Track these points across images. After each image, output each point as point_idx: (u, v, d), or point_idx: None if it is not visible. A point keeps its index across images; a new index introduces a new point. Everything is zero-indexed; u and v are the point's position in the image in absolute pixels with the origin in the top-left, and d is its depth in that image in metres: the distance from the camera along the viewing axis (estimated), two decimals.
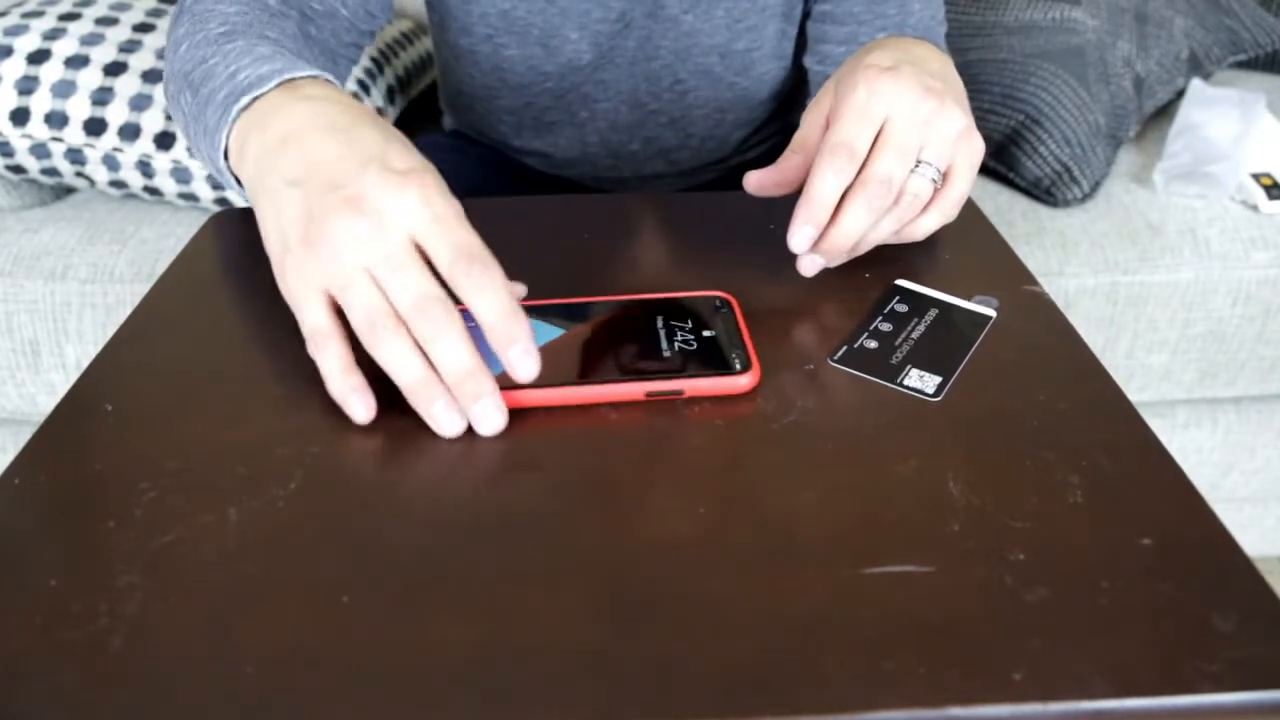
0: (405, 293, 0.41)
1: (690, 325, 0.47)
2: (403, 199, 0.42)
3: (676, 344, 0.46)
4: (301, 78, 0.50)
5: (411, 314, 0.41)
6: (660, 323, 0.47)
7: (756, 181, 0.54)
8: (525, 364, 0.41)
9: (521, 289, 0.49)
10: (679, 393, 0.43)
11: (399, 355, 0.41)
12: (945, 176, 0.52)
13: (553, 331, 0.47)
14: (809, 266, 0.51)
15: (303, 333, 0.43)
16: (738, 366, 0.44)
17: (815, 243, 0.50)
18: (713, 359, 0.45)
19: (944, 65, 0.57)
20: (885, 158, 0.49)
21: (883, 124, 0.49)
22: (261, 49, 0.53)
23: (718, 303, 0.49)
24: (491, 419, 0.41)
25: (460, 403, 0.41)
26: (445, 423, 0.41)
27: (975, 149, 0.52)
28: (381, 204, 0.42)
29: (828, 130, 0.50)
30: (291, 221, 0.44)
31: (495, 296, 0.41)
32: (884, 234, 0.51)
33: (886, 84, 0.49)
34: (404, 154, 0.44)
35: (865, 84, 0.50)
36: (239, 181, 0.51)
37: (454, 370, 0.41)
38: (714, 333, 0.47)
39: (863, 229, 0.49)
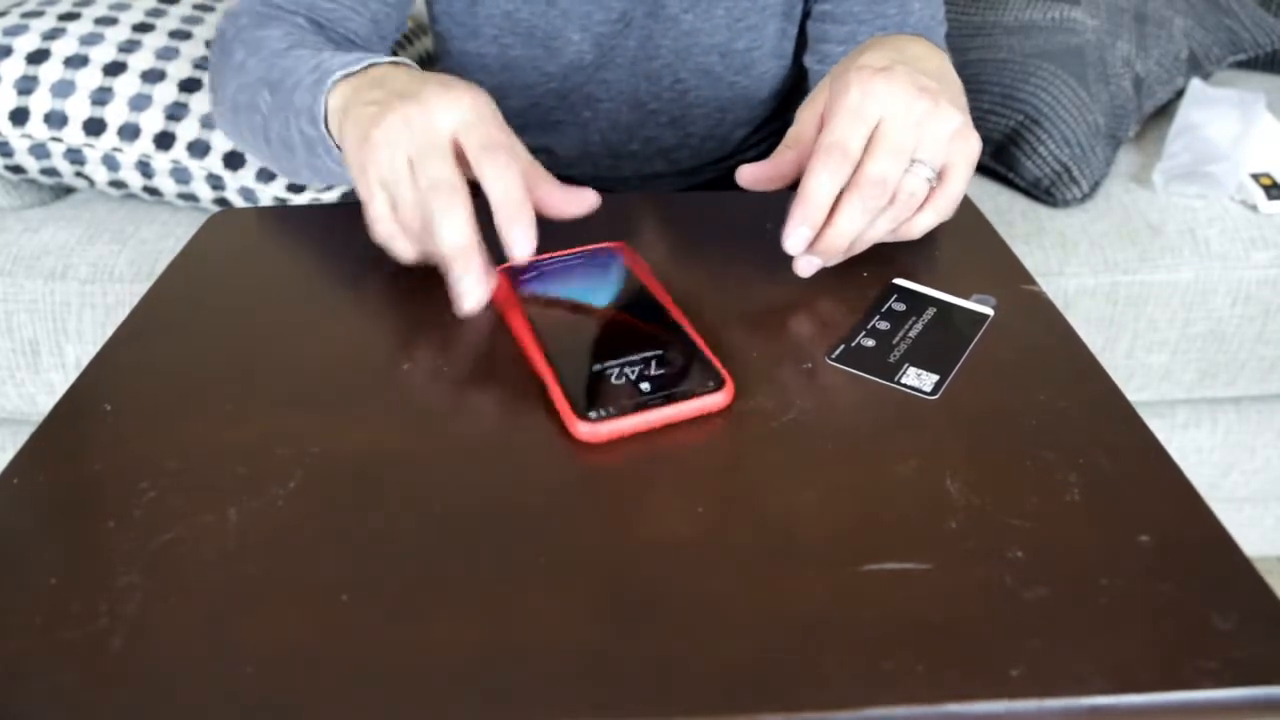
0: (426, 176, 0.47)
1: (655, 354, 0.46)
2: (454, 102, 0.49)
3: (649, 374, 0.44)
4: (384, 62, 0.56)
5: (426, 192, 0.46)
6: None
7: (750, 176, 0.55)
8: (522, 243, 0.46)
9: (593, 197, 0.53)
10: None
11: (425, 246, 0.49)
12: (941, 175, 0.51)
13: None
14: (805, 267, 0.51)
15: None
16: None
17: (811, 243, 0.50)
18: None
19: (941, 64, 0.57)
20: (879, 158, 0.49)
21: (877, 124, 0.49)
22: (329, 49, 0.60)
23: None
24: (472, 294, 0.47)
25: (449, 278, 0.47)
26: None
27: (971, 148, 0.52)
28: (433, 103, 0.48)
29: (822, 130, 0.50)
30: (361, 132, 0.49)
31: (509, 182, 0.47)
32: (880, 233, 0.51)
33: (880, 84, 0.49)
34: (469, 83, 0.50)
35: (859, 84, 0.49)
36: (339, 148, 0.56)
37: (449, 245, 0.46)
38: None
39: (858, 229, 0.49)
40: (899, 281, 0.53)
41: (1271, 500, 1.23)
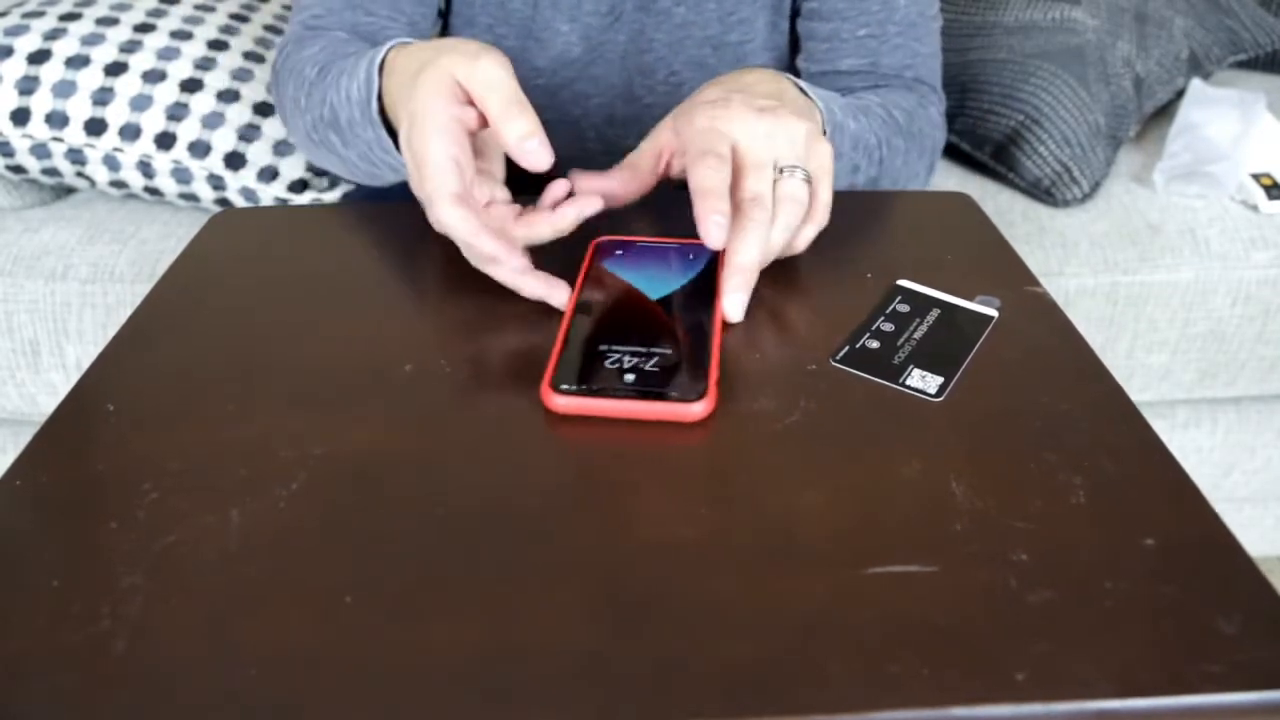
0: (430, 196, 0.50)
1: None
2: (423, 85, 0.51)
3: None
4: (382, 56, 0.58)
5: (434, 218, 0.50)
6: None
7: (580, 183, 0.56)
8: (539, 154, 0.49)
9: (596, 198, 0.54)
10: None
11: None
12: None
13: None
14: (736, 310, 0.49)
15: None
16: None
17: (730, 274, 0.50)
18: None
19: (777, 84, 0.59)
20: (747, 178, 0.51)
21: (732, 151, 0.52)
22: (346, 62, 0.63)
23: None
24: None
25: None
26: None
27: (826, 152, 0.54)
28: (417, 90, 0.51)
29: (688, 178, 0.51)
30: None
31: (503, 89, 0.50)
32: (776, 247, 0.52)
33: (720, 113, 0.53)
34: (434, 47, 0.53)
35: (704, 118, 0.53)
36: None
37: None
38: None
39: (758, 253, 0.50)
40: (903, 283, 0.53)
41: (1272, 500, 1.23)
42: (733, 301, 0.49)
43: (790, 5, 0.83)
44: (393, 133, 0.59)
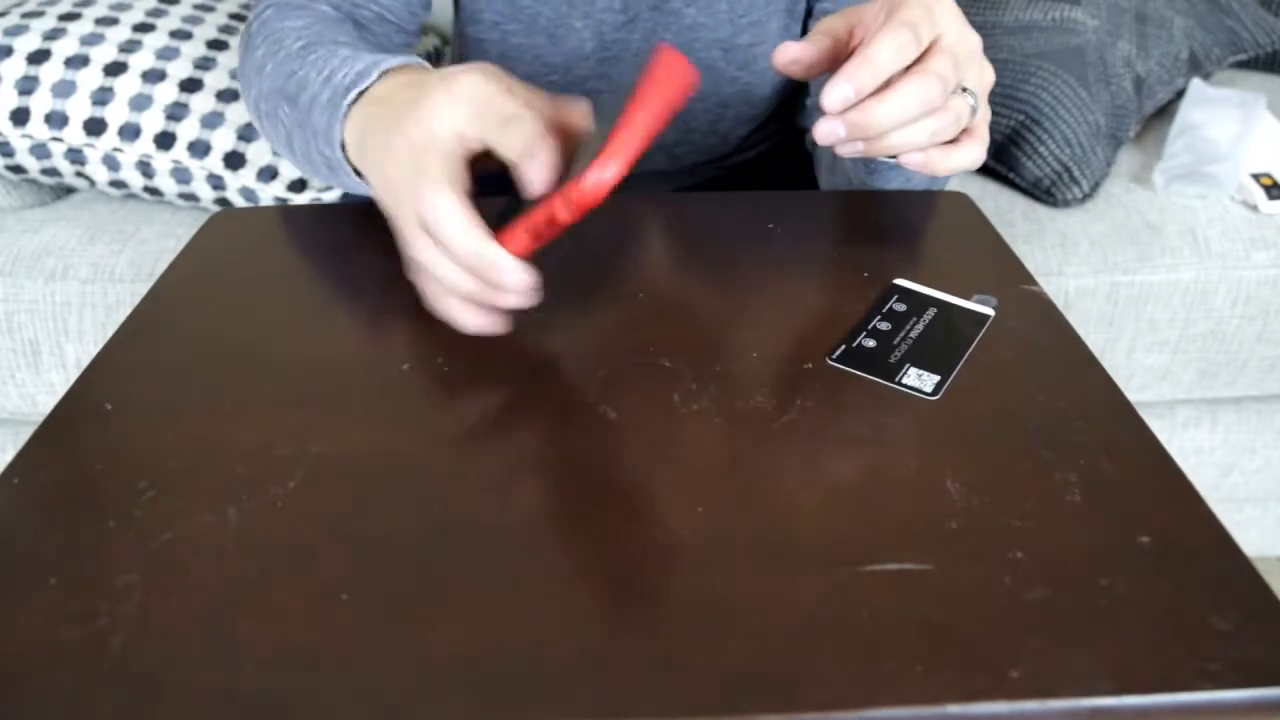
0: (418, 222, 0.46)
1: None
2: (449, 102, 0.47)
3: None
4: (397, 65, 0.54)
5: (466, 258, 0.45)
6: None
7: (787, 57, 0.52)
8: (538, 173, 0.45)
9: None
10: None
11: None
12: (972, 129, 0.52)
13: None
14: (827, 133, 0.48)
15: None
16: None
17: (849, 110, 0.47)
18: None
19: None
20: (944, 58, 0.48)
21: (938, 36, 0.49)
22: (343, 52, 0.58)
23: None
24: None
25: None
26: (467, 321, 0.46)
27: (989, 112, 0.53)
28: (426, 110, 0.47)
29: (888, 14, 0.48)
30: (380, 166, 0.49)
31: (521, 139, 0.45)
32: (918, 138, 0.49)
33: (938, 6, 0.49)
34: (468, 66, 0.49)
35: (919, 4, 0.49)
36: (358, 174, 0.56)
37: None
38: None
39: (906, 115, 0.47)
40: (900, 282, 0.53)
41: (1271, 500, 1.23)
42: (837, 90, 0.46)
43: (805, 8, 0.83)
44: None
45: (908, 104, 0.47)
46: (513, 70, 0.83)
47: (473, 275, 0.44)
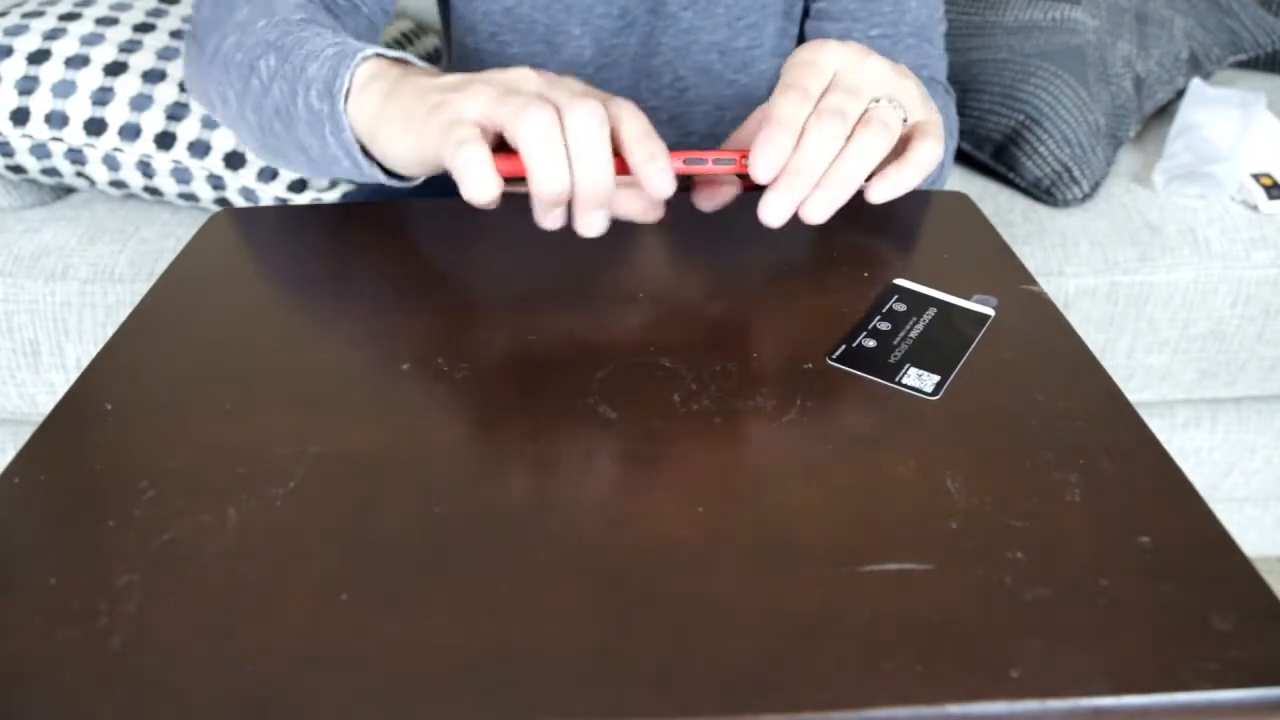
0: (573, 93, 0.46)
1: None
2: (562, 80, 0.48)
3: None
4: (417, 62, 0.54)
5: (573, 110, 0.45)
6: None
7: (703, 197, 0.54)
8: (663, 180, 0.46)
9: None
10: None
11: (553, 170, 0.46)
12: (919, 130, 0.52)
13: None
14: (775, 210, 0.48)
15: (453, 154, 0.46)
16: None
17: (780, 176, 0.48)
18: None
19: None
20: (834, 95, 0.49)
21: (833, 75, 0.50)
22: (350, 36, 0.57)
23: None
24: (597, 228, 0.48)
25: (580, 206, 0.47)
26: (551, 224, 0.49)
27: (934, 112, 0.54)
28: (512, 72, 0.48)
29: (778, 86, 0.50)
30: (446, 85, 0.48)
31: (639, 119, 0.47)
32: (859, 163, 0.49)
33: (832, 44, 0.51)
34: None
35: (806, 52, 0.51)
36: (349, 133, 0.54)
37: (587, 166, 0.45)
38: None
39: (827, 152, 0.48)
40: (900, 282, 0.53)
41: (1271, 500, 1.23)
42: (773, 202, 0.48)
43: (801, 10, 0.83)
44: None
45: (821, 142, 0.48)
46: None
47: (603, 173, 0.46)
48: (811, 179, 0.48)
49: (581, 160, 0.45)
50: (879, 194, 0.51)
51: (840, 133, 0.48)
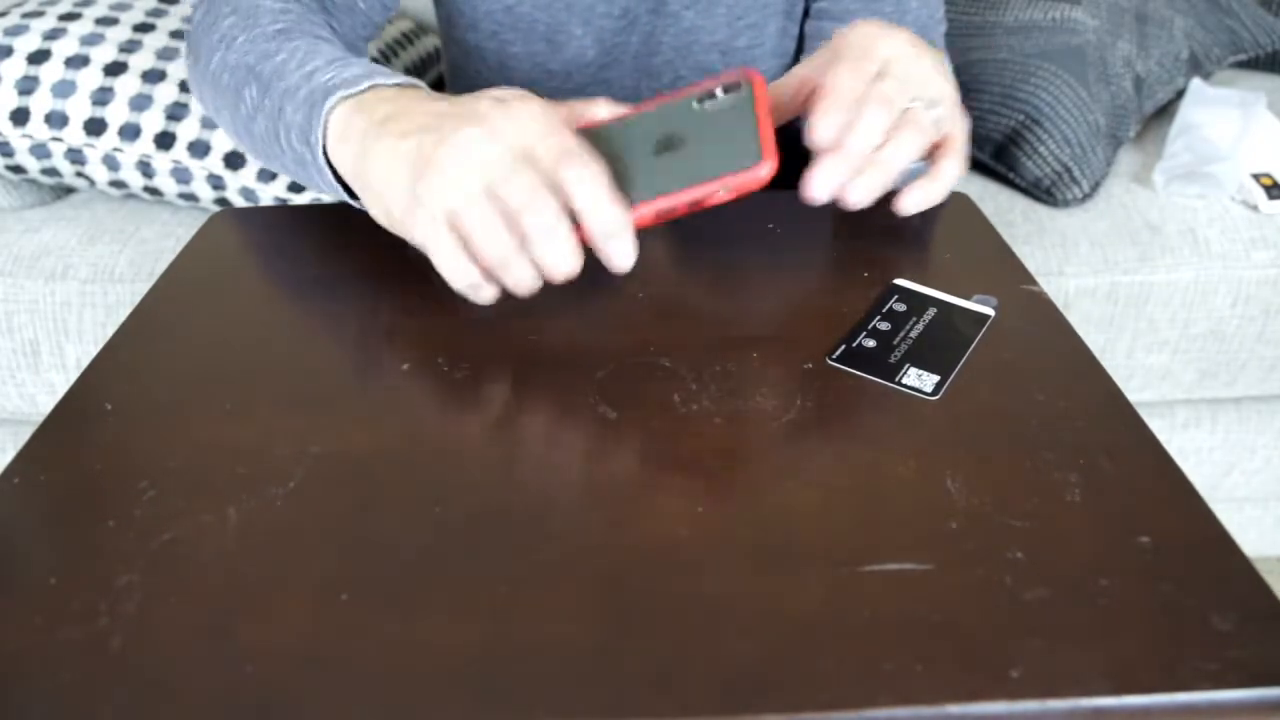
0: (520, 190, 0.44)
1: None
2: (513, 115, 0.46)
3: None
4: (389, 84, 0.51)
5: (523, 209, 0.44)
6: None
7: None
8: (621, 256, 0.46)
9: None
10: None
11: (519, 280, 0.46)
12: (944, 145, 0.54)
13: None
14: (824, 185, 0.50)
15: (441, 272, 0.47)
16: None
17: (834, 147, 0.49)
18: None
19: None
20: (887, 83, 0.50)
21: (885, 62, 0.51)
22: (325, 50, 0.56)
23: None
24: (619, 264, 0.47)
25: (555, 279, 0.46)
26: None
27: (962, 122, 0.55)
28: (494, 119, 0.45)
29: (834, 58, 0.51)
30: (409, 164, 0.46)
31: (595, 189, 0.45)
32: (906, 153, 0.51)
33: (889, 29, 0.52)
34: (520, 93, 0.48)
35: (865, 27, 0.52)
36: (332, 171, 0.53)
37: (554, 271, 0.45)
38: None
39: (881, 127, 0.49)
40: (900, 282, 0.53)
41: (1271, 500, 1.23)
42: (821, 178, 0.49)
43: (802, 10, 0.83)
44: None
45: (879, 118, 0.49)
46: (512, 78, 0.83)
47: (572, 245, 0.45)
48: (856, 162, 0.50)
49: (542, 253, 0.45)
50: (910, 204, 0.54)
51: (886, 123, 0.50)
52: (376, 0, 0.73)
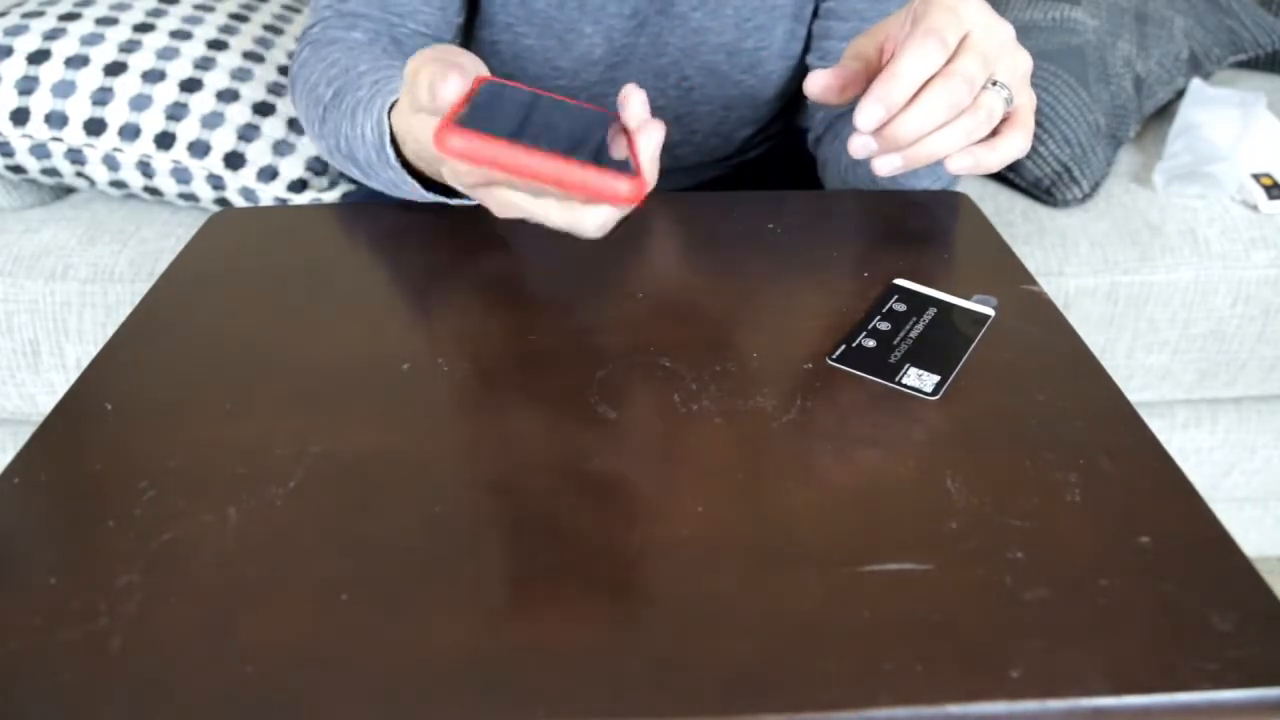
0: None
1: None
2: None
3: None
4: (393, 101, 0.58)
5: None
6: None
7: (819, 84, 0.53)
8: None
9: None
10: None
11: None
12: (1013, 116, 0.52)
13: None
14: (860, 147, 0.49)
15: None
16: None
17: (881, 127, 0.49)
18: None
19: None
20: (970, 58, 0.48)
21: (967, 32, 0.49)
22: (361, 91, 0.63)
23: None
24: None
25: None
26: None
27: (1033, 98, 0.54)
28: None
29: (913, 23, 0.50)
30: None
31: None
32: (955, 141, 0.50)
33: (963, 4, 0.49)
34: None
35: (944, 6, 0.49)
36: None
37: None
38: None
39: (936, 121, 0.48)
40: (900, 282, 0.53)
41: (1271, 500, 1.23)
42: (868, 109, 0.47)
43: (811, 12, 0.83)
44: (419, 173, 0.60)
45: (935, 110, 0.48)
46: (524, 72, 0.84)
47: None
48: (910, 138, 0.48)
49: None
50: (958, 165, 0.52)
51: (961, 102, 0.48)
52: (440, 20, 0.77)
